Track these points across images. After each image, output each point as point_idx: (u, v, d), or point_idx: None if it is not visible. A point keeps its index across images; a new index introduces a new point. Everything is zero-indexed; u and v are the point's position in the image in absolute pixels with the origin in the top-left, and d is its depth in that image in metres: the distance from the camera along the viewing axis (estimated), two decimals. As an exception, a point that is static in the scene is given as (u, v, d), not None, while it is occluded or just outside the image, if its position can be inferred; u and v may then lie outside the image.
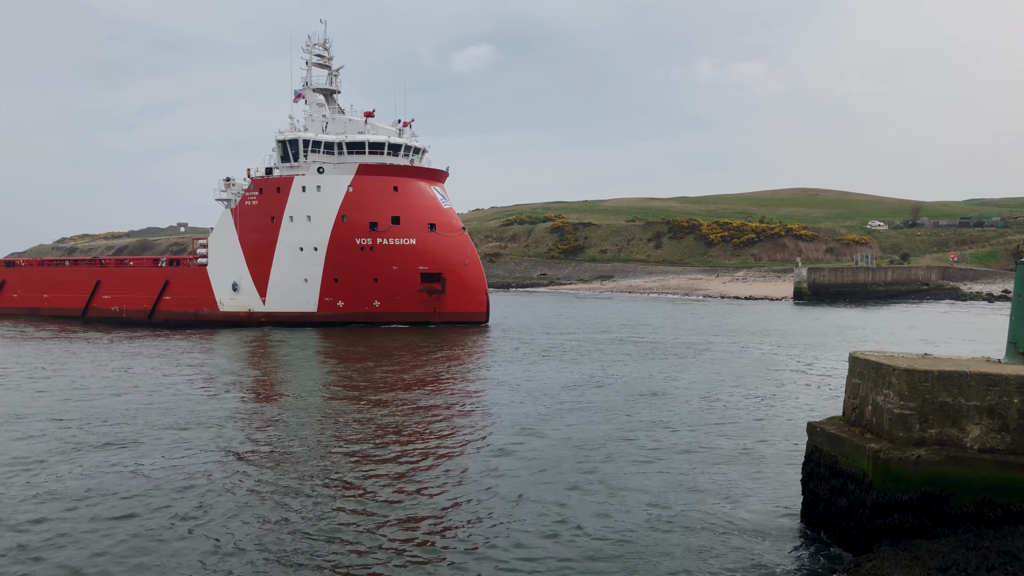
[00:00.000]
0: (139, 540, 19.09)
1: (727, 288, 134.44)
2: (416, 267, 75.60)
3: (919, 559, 14.79)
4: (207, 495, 22.50)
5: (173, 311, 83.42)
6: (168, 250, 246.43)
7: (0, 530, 19.88)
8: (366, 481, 23.78)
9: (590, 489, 22.86)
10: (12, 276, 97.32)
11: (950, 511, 15.64)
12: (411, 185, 77.82)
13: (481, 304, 77.40)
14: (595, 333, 68.26)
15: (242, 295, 79.66)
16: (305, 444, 28.34)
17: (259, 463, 25.99)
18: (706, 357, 51.79)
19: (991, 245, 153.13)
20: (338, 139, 77.26)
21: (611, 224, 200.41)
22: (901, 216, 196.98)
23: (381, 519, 20.41)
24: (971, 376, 15.87)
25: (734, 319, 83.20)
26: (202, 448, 27.97)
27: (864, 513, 16.29)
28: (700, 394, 38.03)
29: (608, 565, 17.47)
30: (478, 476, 24.26)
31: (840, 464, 17.33)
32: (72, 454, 27.26)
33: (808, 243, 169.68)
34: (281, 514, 20.84)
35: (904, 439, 16.15)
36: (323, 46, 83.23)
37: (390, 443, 28.37)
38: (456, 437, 29.54)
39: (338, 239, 75.56)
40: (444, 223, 77.52)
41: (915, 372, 16.11)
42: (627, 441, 28.58)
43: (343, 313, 76.65)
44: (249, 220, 79.50)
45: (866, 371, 17.66)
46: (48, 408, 35.60)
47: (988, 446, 15.73)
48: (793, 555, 17.79)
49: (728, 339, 62.82)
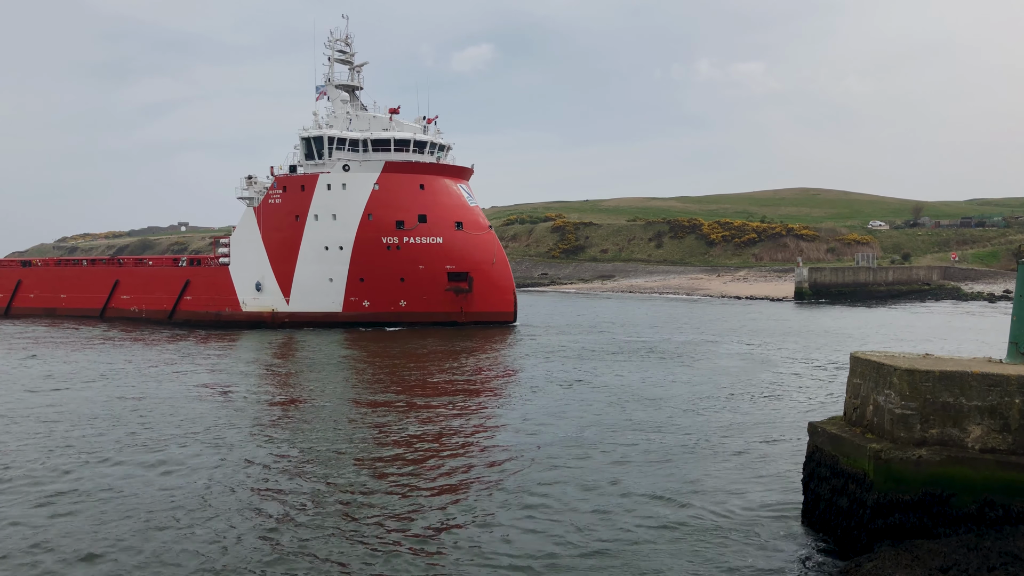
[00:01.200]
0: (157, 537, 19.17)
1: (728, 288, 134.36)
2: (443, 266, 74.49)
3: (920, 559, 14.77)
4: (230, 496, 22.52)
5: (194, 311, 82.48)
6: (169, 249, 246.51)
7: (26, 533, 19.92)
8: (386, 482, 23.76)
9: (592, 488, 22.85)
10: (28, 276, 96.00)
11: (951, 511, 15.62)
12: (437, 183, 76.78)
13: (509, 304, 76.16)
14: (622, 335, 67.87)
15: (265, 295, 78.60)
16: (330, 448, 28.21)
17: (285, 466, 25.95)
18: (707, 357, 51.74)
19: (992, 245, 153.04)
20: (363, 136, 76.27)
21: (612, 224, 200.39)
22: (902, 216, 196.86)
23: (401, 519, 20.39)
24: (972, 376, 15.85)
25: (735, 319, 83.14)
26: (224, 446, 28.03)
27: (865, 513, 16.27)
28: (701, 394, 37.99)
29: (608, 563, 17.46)
30: (482, 474, 24.26)
31: (841, 464, 17.31)
32: (98, 455, 27.32)
33: (809, 243, 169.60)
34: (302, 517, 20.81)
35: (905, 439, 16.12)
36: (345, 42, 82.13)
37: (427, 453, 28.24)
38: (465, 436, 29.55)
39: (364, 238, 74.54)
40: (471, 221, 76.42)
41: (916, 372, 16.09)
42: (627, 440, 28.55)
43: (369, 313, 75.54)
44: (273, 219, 78.22)
45: (867, 371, 17.64)
46: (74, 409, 35.64)
47: (989, 446, 15.70)
48: (794, 555, 17.78)
49: (729, 339, 62.77)
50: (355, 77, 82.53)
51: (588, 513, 20.74)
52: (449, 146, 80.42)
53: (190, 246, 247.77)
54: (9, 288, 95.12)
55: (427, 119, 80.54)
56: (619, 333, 67.92)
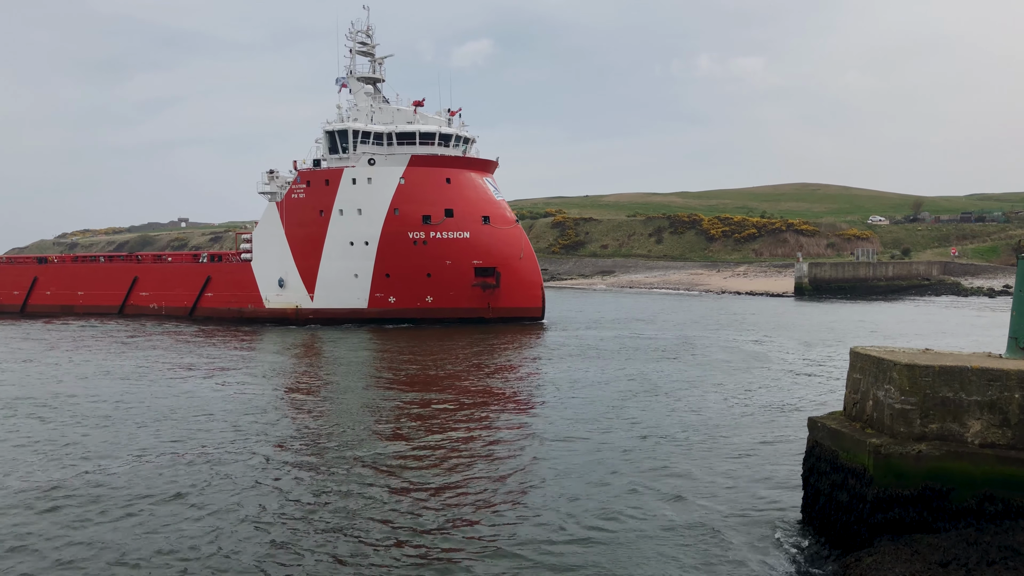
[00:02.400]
0: (181, 530, 19.30)
1: (728, 283, 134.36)
2: (470, 261, 73.35)
3: (920, 554, 14.80)
4: (254, 494, 22.58)
5: (216, 308, 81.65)
6: (169, 245, 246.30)
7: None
8: (410, 485, 23.80)
9: (591, 483, 22.89)
10: (45, 273, 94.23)
11: (951, 506, 15.63)
12: (463, 176, 75.63)
13: (537, 299, 74.84)
14: (651, 332, 67.02)
15: (289, 291, 77.62)
16: (354, 448, 27.95)
17: (309, 463, 25.93)
18: (706, 352, 51.76)
19: (992, 240, 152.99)
20: (388, 129, 75.06)
21: (612, 219, 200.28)
22: (902, 211, 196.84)
23: (423, 522, 20.44)
24: (972, 371, 15.85)
25: (735, 314, 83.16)
26: (252, 440, 28.07)
27: (865, 508, 16.29)
28: (700, 389, 38.03)
29: (605, 558, 17.49)
30: (496, 476, 24.29)
31: (841, 459, 17.32)
32: (125, 450, 27.50)
33: (809, 238, 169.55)
34: (327, 516, 20.79)
35: (905, 434, 16.14)
36: (366, 33, 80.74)
37: (458, 457, 28.29)
38: (487, 440, 29.57)
39: (390, 233, 73.58)
40: (497, 215, 75.43)
41: (916, 367, 16.10)
42: (627, 437, 28.59)
43: (394, 309, 74.62)
44: (296, 214, 77.09)
45: (867, 366, 17.64)
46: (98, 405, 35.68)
47: (989, 441, 15.72)
48: (793, 550, 17.81)
49: (729, 334, 62.80)
50: (377, 69, 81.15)
51: (586, 508, 20.78)
52: (474, 139, 79.36)
53: (190, 242, 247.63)
54: (25, 285, 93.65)
55: (451, 111, 79.29)
56: (645, 329, 67.32)
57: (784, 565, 17.07)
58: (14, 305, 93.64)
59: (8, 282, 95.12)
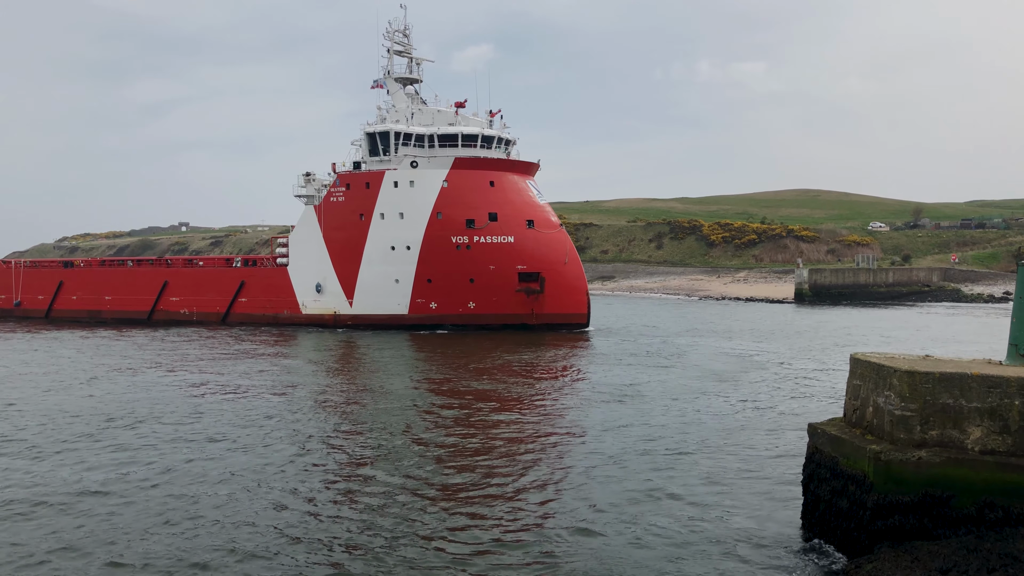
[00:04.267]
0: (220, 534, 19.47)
1: (728, 289, 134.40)
2: (514, 266, 71.57)
3: (920, 561, 14.78)
4: (289, 494, 22.60)
5: (250, 314, 79.63)
6: (169, 250, 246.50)
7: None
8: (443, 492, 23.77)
9: (591, 491, 22.89)
10: (71, 277, 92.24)
11: (951, 513, 15.62)
12: (507, 179, 74.03)
13: (582, 305, 72.78)
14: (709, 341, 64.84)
15: (327, 296, 76.08)
16: (398, 456, 26.82)
17: (349, 472, 25.84)
18: (706, 358, 51.75)
19: (992, 247, 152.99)
20: (430, 131, 73.32)
21: (612, 224, 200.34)
22: (902, 217, 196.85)
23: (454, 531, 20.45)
24: (972, 378, 15.85)
25: (735, 320, 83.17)
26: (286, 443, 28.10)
27: (865, 514, 16.28)
28: (700, 395, 38.01)
29: (604, 566, 17.46)
30: (515, 485, 24.28)
31: (841, 465, 17.31)
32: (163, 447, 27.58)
33: (809, 244, 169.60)
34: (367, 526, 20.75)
35: (905, 440, 16.13)
36: (403, 33, 79.29)
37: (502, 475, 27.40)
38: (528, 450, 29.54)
39: (432, 237, 71.93)
40: (542, 219, 73.78)
41: (916, 374, 16.10)
42: (626, 440, 28.58)
43: (436, 315, 72.97)
44: (335, 217, 75.41)
45: (867, 372, 17.64)
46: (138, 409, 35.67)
47: (989, 448, 15.71)
48: (793, 557, 17.78)
49: (728, 340, 62.81)
50: (415, 70, 79.70)
51: (584, 511, 20.76)
52: (514, 140, 77.67)
53: (190, 246, 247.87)
54: (50, 290, 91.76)
55: (491, 112, 77.75)
56: (681, 338, 67.29)
57: (784, 572, 17.03)
58: (39, 310, 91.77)
59: (33, 286, 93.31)
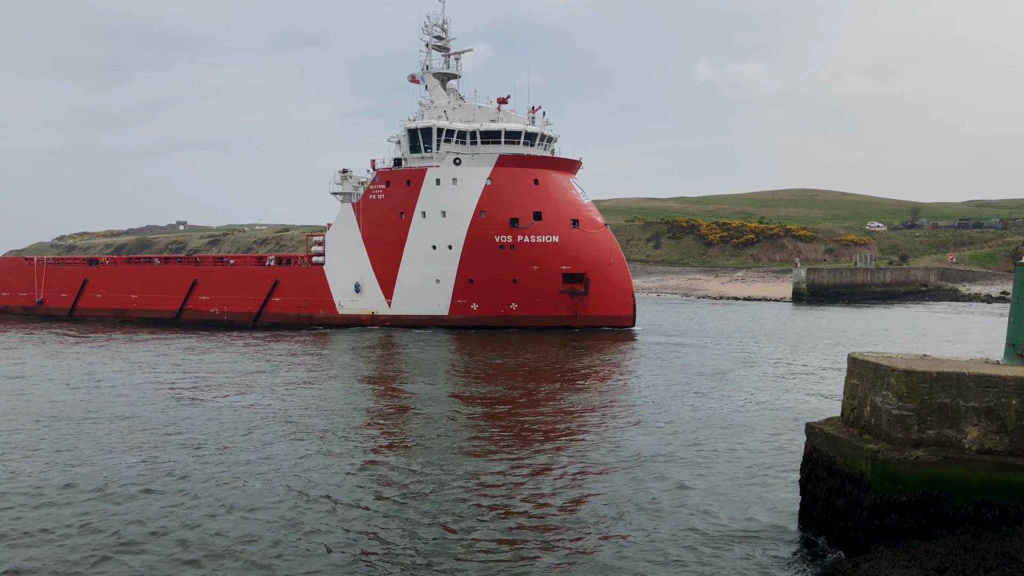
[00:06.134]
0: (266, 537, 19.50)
1: (726, 288, 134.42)
2: (558, 267, 69.94)
3: (917, 560, 14.80)
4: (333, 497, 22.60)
5: (283, 314, 77.18)
6: (167, 248, 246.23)
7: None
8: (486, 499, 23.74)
9: (589, 491, 22.90)
10: (95, 275, 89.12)
11: (948, 512, 15.64)
12: (550, 177, 72.13)
13: (628, 307, 71.02)
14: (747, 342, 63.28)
15: (365, 296, 74.12)
16: (440, 465, 25.68)
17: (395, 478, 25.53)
18: (704, 357, 51.76)
19: (990, 246, 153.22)
20: (473, 128, 71.74)
21: (610, 224, 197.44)
22: (900, 217, 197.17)
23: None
24: (969, 377, 15.87)
25: (733, 320, 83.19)
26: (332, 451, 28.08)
27: (862, 514, 16.29)
28: (697, 394, 38.03)
29: (603, 566, 17.47)
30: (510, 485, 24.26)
31: (838, 465, 17.32)
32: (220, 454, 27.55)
33: (807, 244, 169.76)
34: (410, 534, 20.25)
35: (902, 440, 16.15)
36: (441, 27, 77.51)
37: None
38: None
39: (475, 236, 70.26)
40: (587, 218, 71.92)
41: (913, 373, 16.11)
42: (624, 439, 28.60)
43: (477, 316, 71.27)
44: (374, 215, 73.48)
45: (865, 372, 17.65)
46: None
47: (986, 447, 15.73)
48: (791, 556, 17.80)
49: (726, 340, 62.82)
50: (452, 65, 77.69)
51: (577, 511, 20.78)
52: (556, 137, 75.91)
53: (188, 244, 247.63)
54: (74, 288, 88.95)
55: (532, 108, 75.43)
56: (726, 342, 65.63)
57: (781, 571, 17.05)
58: (62, 308, 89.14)
59: (56, 284, 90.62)
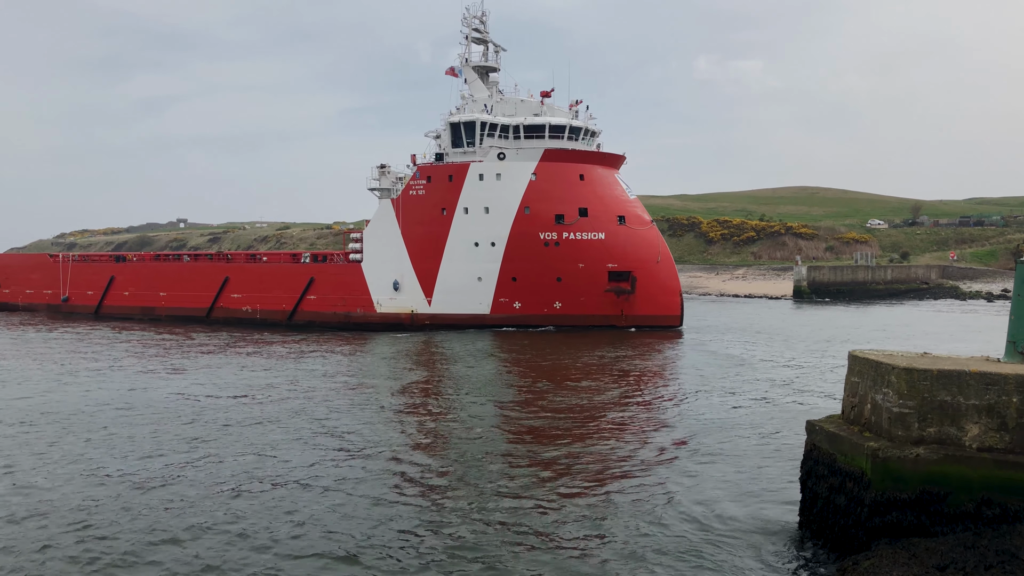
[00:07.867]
0: None
1: (727, 286, 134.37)
2: (604, 265, 68.45)
3: (917, 557, 14.80)
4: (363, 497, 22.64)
5: (319, 312, 75.24)
6: (167, 246, 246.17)
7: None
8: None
9: (586, 490, 22.89)
10: (122, 272, 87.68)
11: (948, 510, 15.64)
12: (596, 173, 70.65)
13: (675, 306, 69.55)
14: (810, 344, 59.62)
15: (404, 295, 72.23)
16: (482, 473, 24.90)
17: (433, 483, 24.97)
18: (704, 354, 51.77)
19: (991, 244, 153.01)
20: (517, 122, 70.13)
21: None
22: (901, 215, 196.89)
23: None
24: (970, 375, 15.86)
25: (734, 317, 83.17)
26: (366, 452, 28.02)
27: (862, 511, 16.29)
28: (698, 391, 38.04)
29: (602, 564, 17.47)
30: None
31: (839, 462, 17.32)
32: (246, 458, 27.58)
33: (808, 241, 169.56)
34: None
35: (903, 438, 16.14)
36: (480, 19, 76.02)
37: None
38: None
39: (519, 233, 68.68)
40: (633, 215, 70.31)
41: (914, 371, 16.10)
42: (623, 439, 28.60)
43: (519, 315, 69.76)
44: (414, 212, 72.00)
45: (865, 369, 17.64)
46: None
47: (987, 445, 15.72)
48: (791, 553, 17.80)
49: (728, 336, 62.81)
50: (492, 57, 76.30)
51: (576, 512, 20.78)
52: (600, 132, 74.23)
53: (189, 242, 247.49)
54: (100, 285, 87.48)
55: (575, 102, 74.04)
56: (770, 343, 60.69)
57: (781, 569, 17.05)
58: (88, 306, 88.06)
59: (82, 281, 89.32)
